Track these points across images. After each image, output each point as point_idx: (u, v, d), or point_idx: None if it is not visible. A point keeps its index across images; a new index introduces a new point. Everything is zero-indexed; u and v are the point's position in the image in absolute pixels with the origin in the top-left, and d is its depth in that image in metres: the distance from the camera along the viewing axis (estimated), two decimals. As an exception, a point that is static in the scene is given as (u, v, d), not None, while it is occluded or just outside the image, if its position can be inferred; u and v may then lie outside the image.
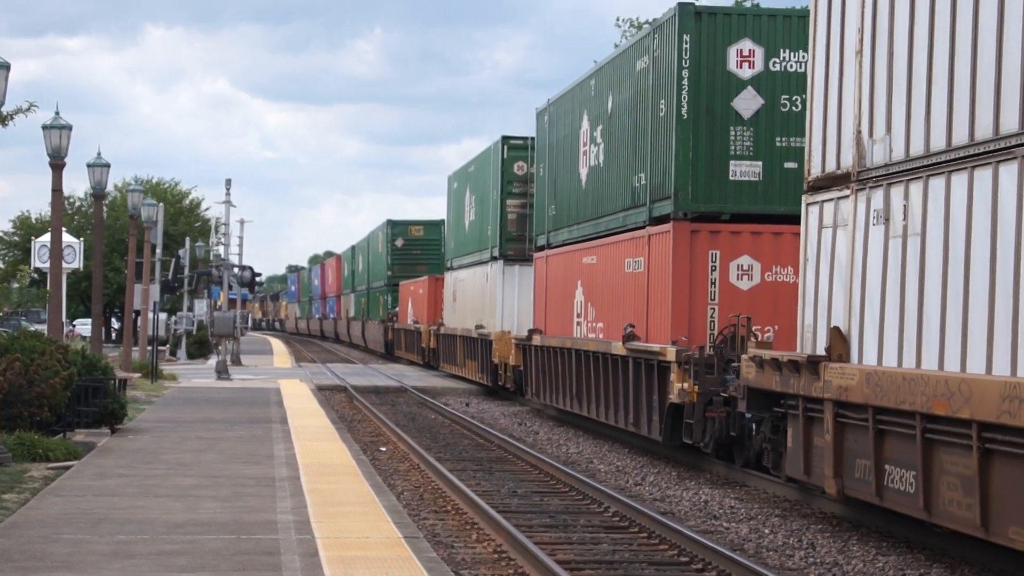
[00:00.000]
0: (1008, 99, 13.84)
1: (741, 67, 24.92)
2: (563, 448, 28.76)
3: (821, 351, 17.74)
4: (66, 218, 76.10)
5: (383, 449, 27.79)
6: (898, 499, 15.85)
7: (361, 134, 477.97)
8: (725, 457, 23.67)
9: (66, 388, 23.69)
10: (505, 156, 42.99)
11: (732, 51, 24.93)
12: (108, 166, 37.96)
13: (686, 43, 24.79)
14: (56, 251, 29.69)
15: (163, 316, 61.48)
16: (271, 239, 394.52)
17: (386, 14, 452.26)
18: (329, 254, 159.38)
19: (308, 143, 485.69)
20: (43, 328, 36.02)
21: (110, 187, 72.44)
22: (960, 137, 14.78)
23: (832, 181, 18.11)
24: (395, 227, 75.17)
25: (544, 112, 36.72)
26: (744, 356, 20.71)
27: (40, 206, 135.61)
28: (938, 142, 15.24)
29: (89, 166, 37.91)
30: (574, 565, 15.41)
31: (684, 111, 24.86)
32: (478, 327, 46.05)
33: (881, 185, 16.58)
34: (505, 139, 43.41)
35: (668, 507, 20.17)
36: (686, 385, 23.54)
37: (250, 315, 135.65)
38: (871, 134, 16.96)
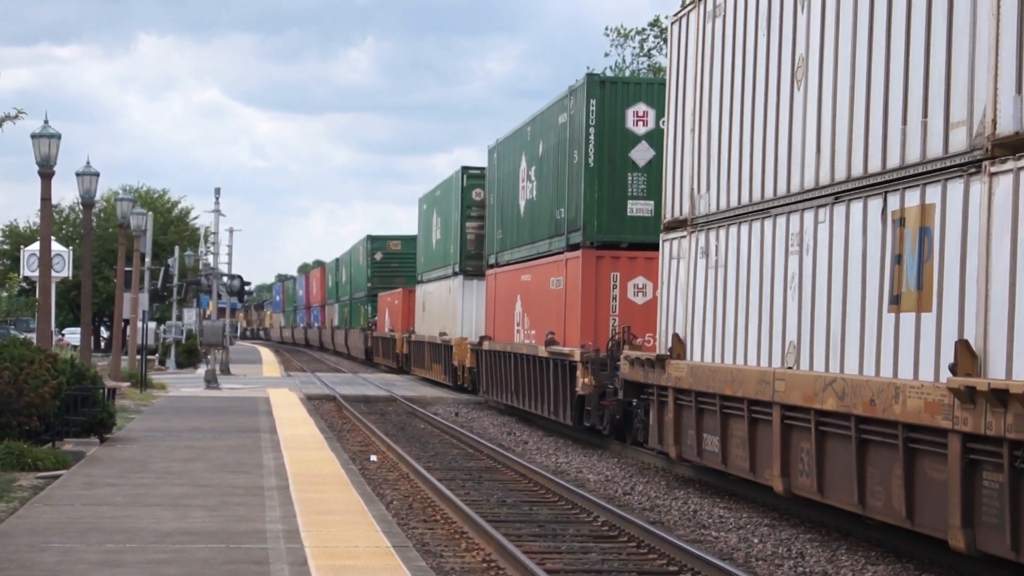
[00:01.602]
0: (768, 175, 19.92)
1: (637, 125, 30.94)
2: (552, 458, 29.10)
3: (667, 351, 23.80)
4: (55, 227, 74.63)
5: (373, 458, 28.05)
6: (710, 458, 21.88)
7: (352, 143, 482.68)
8: (620, 438, 29.68)
9: (55, 397, 23.48)
10: (464, 184, 48.43)
11: (630, 112, 30.93)
12: (97, 175, 37.43)
13: (593, 106, 30.80)
14: (45, 260, 29.53)
15: (152, 325, 61.13)
16: (261, 248, 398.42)
17: (378, 24, 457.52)
18: (318, 263, 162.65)
19: (299, 152, 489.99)
20: (32, 337, 35.59)
21: (100, 196, 71.93)
22: (744, 198, 20.86)
23: (678, 224, 24.14)
24: (375, 242, 79.23)
25: (494, 150, 42.73)
26: (622, 356, 26.79)
27: (29, 215, 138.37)
28: (733, 201, 21.32)
29: (78, 175, 37.30)
30: (563, 574, 15.58)
31: (591, 160, 30.87)
32: (441, 334, 51.66)
33: (704, 229, 22.62)
34: (464, 169, 48.87)
35: (657, 516, 20.38)
36: (587, 380, 29.54)
37: (238, 324, 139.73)
38: (699, 191, 23.01)
